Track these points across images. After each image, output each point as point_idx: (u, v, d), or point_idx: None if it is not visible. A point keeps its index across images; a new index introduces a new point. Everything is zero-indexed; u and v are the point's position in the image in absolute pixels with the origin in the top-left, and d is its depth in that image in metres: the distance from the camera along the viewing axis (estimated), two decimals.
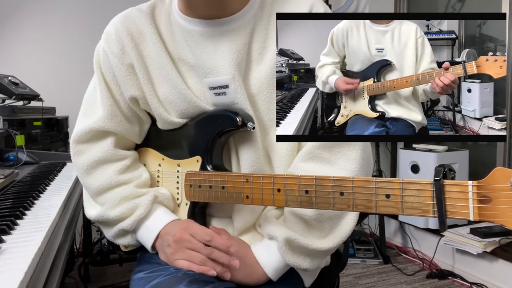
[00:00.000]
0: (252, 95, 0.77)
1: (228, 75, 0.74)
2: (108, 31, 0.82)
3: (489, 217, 0.50)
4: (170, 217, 0.78)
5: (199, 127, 0.79)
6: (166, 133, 0.84)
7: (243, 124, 0.73)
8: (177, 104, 0.78)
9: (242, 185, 0.70)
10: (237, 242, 0.75)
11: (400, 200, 0.56)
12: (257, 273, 0.73)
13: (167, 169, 0.84)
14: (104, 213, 0.79)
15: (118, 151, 0.83)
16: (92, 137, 0.82)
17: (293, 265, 0.72)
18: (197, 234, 0.72)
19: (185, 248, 0.71)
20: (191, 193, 0.78)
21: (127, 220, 0.77)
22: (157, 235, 0.77)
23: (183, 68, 0.79)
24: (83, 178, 0.83)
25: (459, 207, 0.52)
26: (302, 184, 0.64)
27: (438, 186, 0.52)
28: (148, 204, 0.77)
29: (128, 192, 0.79)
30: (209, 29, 0.76)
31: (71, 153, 0.84)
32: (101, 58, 0.82)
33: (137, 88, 0.80)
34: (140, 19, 0.80)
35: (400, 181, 0.56)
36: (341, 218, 0.74)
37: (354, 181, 0.60)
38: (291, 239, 0.70)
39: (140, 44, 0.79)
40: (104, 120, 0.81)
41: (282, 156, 0.78)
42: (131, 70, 0.79)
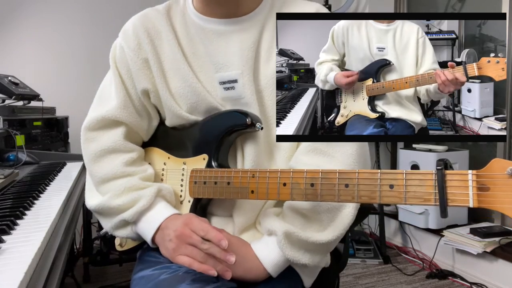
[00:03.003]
0: (259, 90, 0.81)
1: (238, 70, 0.79)
2: (126, 29, 0.87)
3: (487, 203, 0.53)
4: (171, 211, 0.79)
5: (208, 126, 0.81)
6: (173, 133, 0.87)
7: (252, 124, 0.76)
8: (188, 97, 0.81)
9: (248, 180, 0.72)
10: (237, 240, 0.76)
11: (403, 190, 0.59)
12: (257, 268, 0.73)
13: (172, 167, 0.86)
14: (106, 202, 0.79)
15: (127, 143, 0.85)
16: (104, 125, 0.85)
17: (292, 259, 0.72)
18: (196, 229, 0.72)
19: (186, 243, 0.71)
20: (195, 189, 0.79)
21: (129, 211, 0.77)
22: (158, 228, 0.77)
23: (195, 63, 0.83)
24: (90, 165, 0.85)
25: (460, 194, 0.55)
26: (308, 177, 0.66)
27: (440, 175, 0.55)
28: (151, 196, 0.78)
29: (132, 183, 0.80)
30: (222, 28, 0.82)
31: (82, 140, 0.86)
32: (117, 53, 0.87)
33: (150, 81, 0.84)
34: (156, 18, 0.85)
35: (403, 172, 0.59)
36: (340, 211, 0.75)
37: (359, 173, 0.62)
38: (290, 233, 0.71)
39: (155, 41, 0.84)
40: (117, 109, 0.84)
41: (284, 150, 0.81)
42: (145, 64, 0.83)
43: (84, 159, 0.87)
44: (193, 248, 0.71)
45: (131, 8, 2.40)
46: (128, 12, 0.93)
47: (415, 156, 2.44)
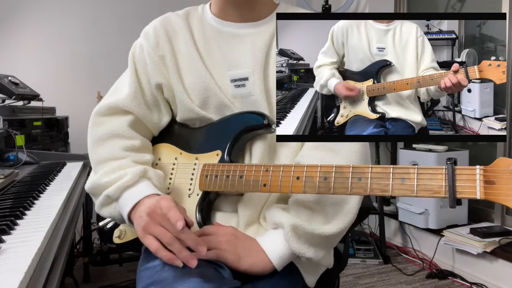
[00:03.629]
0: (267, 89, 0.85)
1: (249, 69, 0.85)
2: (147, 30, 0.93)
3: (492, 195, 0.58)
4: (151, 190, 0.78)
5: (225, 124, 0.85)
6: (187, 131, 0.90)
7: (268, 125, 0.80)
8: (200, 92, 0.86)
9: (261, 173, 0.74)
10: (243, 234, 0.78)
11: (414, 183, 0.62)
12: (262, 261, 0.75)
13: (184, 161, 0.88)
14: (98, 179, 0.81)
15: (131, 130, 0.87)
16: (112, 112, 0.88)
17: (298, 252, 0.74)
18: (170, 212, 0.70)
19: (156, 223, 0.70)
20: (206, 182, 0.80)
21: (113, 186, 0.79)
22: (134, 205, 0.76)
23: (209, 62, 0.88)
24: (92, 147, 0.87)
25: (468, 187, 0.59)
26: (321, 171, 0.69)
27: (451, 169, 0.60)
28: (135, 174, 0.79)
29: (123, 163, 0.82)
30: (238, 31, 0.89)
31: (89, 124, 0.89)
32: (136, 51, 0.92)
33: (164, 77, 0.89)
34: (175, 21, 0.92)
35: (415, 167, 0.63)
36: (344, 204, 0.77)
37: (372, 168, 0.65)
38: (296, 225, 0.73)
39: (173, 40, 0.90)
40: (126, 99, 0.88)
41: (288, 147, 0.84)
42: (161, 61, 0.89)
43: (88, 142, 0.89)
44: (161, 229, 0.70)
45: (131, 9, 2.41)
46: (128, 12, 0.94)
47: (415, 156, 2.43)
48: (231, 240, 0.76)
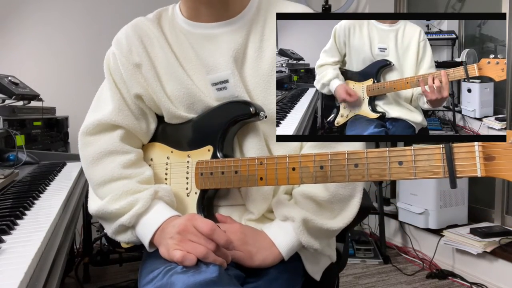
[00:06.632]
0: (249, 90, 0.82)
1: (228, 70, 0.81)
2: (118, 37, 0.89)
3: (494, 172, 0.55)
4: (170, 213, 0.77)
5: (211, 118, 0.83)
6: (175, 128, 0.87)
7: (256, 113, 0.77)
8: (184, 99, 0.83)
9: (256, 167, 0.73)
10: (251, 230, 0.78)
11: (412, 165, 0.61)
12: (273, 254, 0.76)
13: (177, 160, 0.86)
14: (105, 206, 0.79)
15: (124, 145, 0.85)
16: (101, 130, 0.85)
17: (306, 245, 0.76)
18: (200, 227, 0.68)
19: (188, 240, 0.68)
20: (202, 180, 0.80)
21: (126, 215, 0.77)
22: (156, 230, 0.75)
23: (188, 67, 0.84)
24: (87, 169, 0.85)
25: (468, 165, 0.57)
26: (317, 160, 0.68)
27: (448, 148, 0.58)
28: (147, 199, 0.77)
29: (130, 186, 0.79)
30: (210, 31, 0.85)
31: (79, 146, 0.87)
32: (110, 61, 0.88)
33: (141, 87, 0.85)
34: (147, 26, 0.87)
35: (411, 148, 0.61)
36: (349, 201, 0.80)
37: (367, 152, 0.64)
38: (307, 220, 0.75)
39: (148, 47, 0.85)
40: (112, 113, 0.85)
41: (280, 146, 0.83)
42: (136, 69, 0.85)
43: (82, 164, 0.87)
44: (194, 244, 0.67)
45: (131, 8, 2.40)
46: (128, 12, 0.94)
47: None
48: (241, 238, 0.75)
